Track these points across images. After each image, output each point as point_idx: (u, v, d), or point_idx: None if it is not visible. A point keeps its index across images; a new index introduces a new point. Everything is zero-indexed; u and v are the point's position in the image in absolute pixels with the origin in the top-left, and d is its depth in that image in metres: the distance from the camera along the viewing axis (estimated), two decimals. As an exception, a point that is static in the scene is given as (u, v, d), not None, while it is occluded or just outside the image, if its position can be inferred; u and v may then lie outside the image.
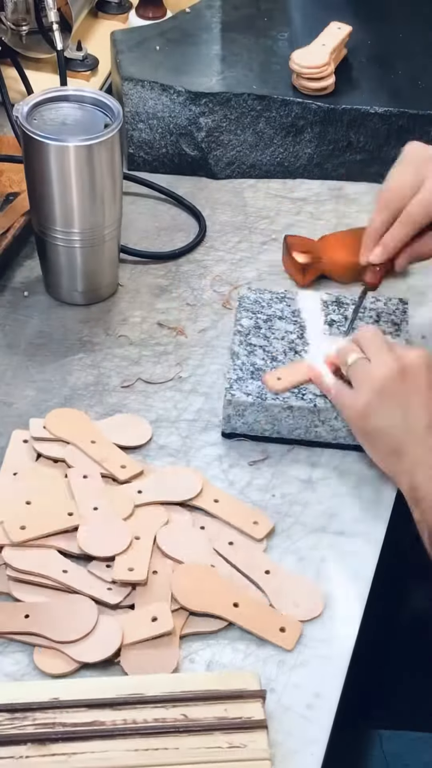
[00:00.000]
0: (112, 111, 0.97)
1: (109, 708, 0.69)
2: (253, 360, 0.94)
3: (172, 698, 0.70)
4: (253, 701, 0.71)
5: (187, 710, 0.69)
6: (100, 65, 1.31)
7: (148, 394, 0.98)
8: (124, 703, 0.69)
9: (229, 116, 1.18)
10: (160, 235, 1.15)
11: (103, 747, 0.68)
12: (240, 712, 0.70)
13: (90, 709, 0.69)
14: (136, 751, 0.67)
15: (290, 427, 0.92)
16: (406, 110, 1.18)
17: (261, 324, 0.97)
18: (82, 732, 0.68)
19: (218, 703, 0.70)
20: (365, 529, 0.87)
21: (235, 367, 0.93)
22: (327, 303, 1.00)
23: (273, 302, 1.00)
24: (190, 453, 0.93)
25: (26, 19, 1.25)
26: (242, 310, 0.99)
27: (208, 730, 0.69)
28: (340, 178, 1.23)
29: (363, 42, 1.27)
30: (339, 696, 0.77)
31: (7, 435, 0.93)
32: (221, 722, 0.69)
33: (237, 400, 0.90)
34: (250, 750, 0.68)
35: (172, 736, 0.68)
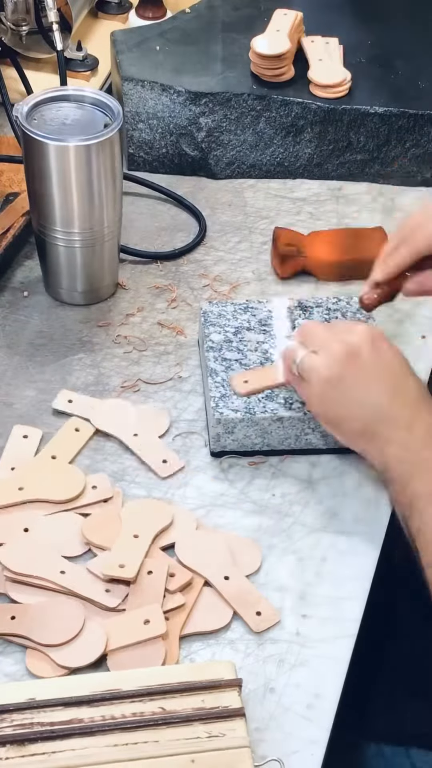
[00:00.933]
0: (112, 111, 0.97)
1: (86, 705, 0.69)
2: (232, 375, 0.92)
3: (148, 692, 0.70)
4: (230, 690, 0.71)
5: (165, 703, 0.70)
6: (100, 65, 1.31)
7: (148, 394, 0.98)
8: (101, 699, 0.70)
9: (229, 116, 1.18)
10: (160, 235, 1.15)
11: (83, 744, 0.68)
12: (217, 701, 0.70)
13: (67, 707, 0.69)
14: (116, 746, 0.68)
15: (280, 438, 0.91)
16: (406, 110, 1.18)
17: (231, 337, 0.96)
18: (61, 730, 0.68)
19: (195, 694, 0.70)
20: (365, 529, 0.87)
21: (216, 384, 0.92)
22: (291, 309, 0.99)
23: (237, 313, 0.98)
24: (191, 453, 0.93)
25: (26, 19, 1.25)
26: (209, 326, 0.97)
27: (186, 721, 0.69)
28: (340, 178, 1.23)
29: (363, 42, 1.27)
30: (339, 696, 0.77)
31: (7, 435, 0.93)
32: (199, 713, 0.69)
33: (226, 417, 0.89)
34: (230, 738, 0.69)
35: (152, 729, 0.69)
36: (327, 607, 0.82)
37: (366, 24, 1.30)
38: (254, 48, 1.18)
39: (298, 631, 0.80)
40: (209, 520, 0.87)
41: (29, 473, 0.87)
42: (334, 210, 1.19)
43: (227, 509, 0.88)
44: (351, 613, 0.82)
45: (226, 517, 0.88)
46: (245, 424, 0.90)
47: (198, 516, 0.87)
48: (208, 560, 0.82)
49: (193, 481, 0.90)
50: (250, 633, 0.80)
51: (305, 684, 0.77)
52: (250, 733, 0.73)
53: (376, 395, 0.82)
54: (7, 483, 0.86)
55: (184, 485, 0.90)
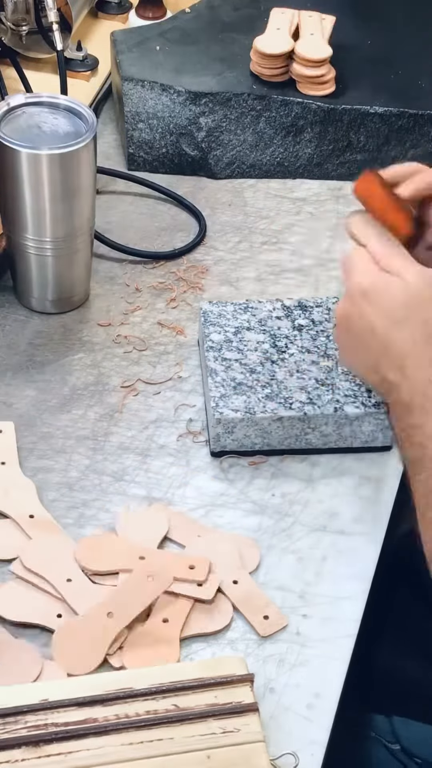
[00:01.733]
0: (86, 119, 0.95)
1: (99, 705, 0.69)
2: (232, 375, 0.92)
3: (161, 690, 0.70)
4: (242, 685, 0.71)
5: (178, 700, 0.70)
6: (100, 65, 1.31)
7: (148, 394, 0.98)
8: (115, 698, 0.70)
9: (229, 116, 1.18)
10: (160, 235, 1.15)
11: (98, 743, 0.68)
12: (230, 697, 0.70)
13: (81, 707, 0.69)
14: (131, 745, 0.68)
15: (280, 438, 0.91)
16: (406, 110, 1.18)
17: (231, 337, 0.96)
18: (76, 731, 0.68)
19: (208, 690, 0.71)
20: (365, 529, 0.87)
21: (217, 384, 0.92)
22: (291, 308, 0.99)
23: (237, 313, 0.98)
24: (190, 453, 0.93)
25: (26, 19, 1.25)
26: (209, 325, 0.97)
27: (200, 717, 0.69)
28: (340, 178, 1.23)
29: (363, 42, 1.27)
30: (339, 696, 0.77)
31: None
32: (213, 709, 0.70)
33: (226, 417, 0.89)
34: (244, 734, 0.69)
35: (166, 727, 0.69)
36: (327, 607, 0.82)
37: (366, 24, 1.30)
38: (257, 47, 1.18)
39: (298, 631, 0.80)
40: (209, 520, 0.87)
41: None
42: (334, 210, 1.19)
43: (227, 509, 0.88)
44: (351, 613, 0.82)
45: (226, 517, 0.88)
46: (245, 423, 0.90)
47: (198, 516, 0.87)
48: (217, 563, 0.82)
49: (193, 481, 0.90)
50: (250, 633, 0.80)
51: (305, 684, 0.77)
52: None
53: (382, 336, 0.79)
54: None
55: (184, 485, 0.90)
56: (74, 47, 1.29)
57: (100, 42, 1.33)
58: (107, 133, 1.28)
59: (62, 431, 0.94)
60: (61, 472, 0.91)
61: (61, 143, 0.93)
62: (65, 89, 1.17)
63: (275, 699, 0.76)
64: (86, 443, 0.93)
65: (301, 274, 1.11)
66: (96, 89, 1.32)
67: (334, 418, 0.90)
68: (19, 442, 0.93)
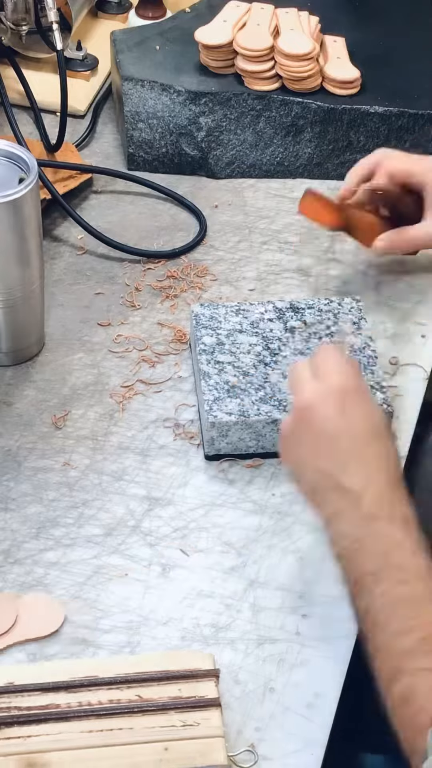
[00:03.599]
0: (26, 164, 0.90)
1: (64, 691, 0.70)
2: (225, 378, 0.92)
3: (126, 680, 0.71)
4: (207, 680, 0.71)
5: (142, 691, 0.70)
6: (99, 65, 1.31)
7: (147, 394, 0.98)
8: (79, 685, 0.70)
9: (229, 116, 1.18)
10: (160, 234, 1.15)
11: (59, 729, 0.68)
12: (194, 691, 0.71)
13: (45, 692, 0.70)
14: (91, 732, 0.68)
15: (275, 440, 0.90)
16: (406, 110, 1.17)
17: (223, 339, 0.95)
18: (37, 715, 0.69)
19: (172, 683, 0.71)
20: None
21: (210, 388, 0.91)
22: (282, 310, 0.98)
23: (229, 316, 0.97)
24: (190, 453, 0.93)
25: (26, 19, 1.25)
26: (201, 328, 0.96)
27: (162, 709, 0.70)
28: (340, 178, 1.22)
29: (363, 42, 1.26)
30: (339, 696, 0.77)
31: (7, 435, 0.93)
32: (175, 701, 0.70)
33: (220, 420, 0.89)
34: (204, 728, 0.69)
35: (127, 717, 0.69)
36: (327, 606, 0.82)
37: (366, 23, 1.29)
38: (196, 37, 1.18)
39: (298, 631, 0.80)
40: (209, 519, 0.87)
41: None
42: (334, 210, 1.19)
43: (227, 509, 0.88)
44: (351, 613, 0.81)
45: (226, 517, 0.88)
46: (239, 427, 0.89)
47: (198, 516, 0.87)
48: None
49: (192, 481, 0.90)
50: (250, 633, 0.80)
51: (305, 684, 0.77)
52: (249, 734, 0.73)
53: (327, 458, 0.74)
54: None
55: (184, 485, 0.90)
56: (74, 47, 1.29)
57: (100, 42, 1.33)
58: (107, 133, 1.28)
59: (62, 431, 0.94)
60: (61, 472, 0.91)
61: (1, 191, 0.87)
62: (65, 89, 1.17)
63: (275, 699, 0.76)
64: (86, 443, 0.93)
65: (301, 274, 1.11)
66: (96, 89, 1.32)
67: None
68: (18, 442, 0.93)
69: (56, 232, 1.14)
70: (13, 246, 0.90)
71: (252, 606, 0.82)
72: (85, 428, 0.94)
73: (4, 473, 0.90)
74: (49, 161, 1.16)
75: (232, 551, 0.85)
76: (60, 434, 0.94)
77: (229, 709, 0.75)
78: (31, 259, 0.93)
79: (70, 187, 1.15)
